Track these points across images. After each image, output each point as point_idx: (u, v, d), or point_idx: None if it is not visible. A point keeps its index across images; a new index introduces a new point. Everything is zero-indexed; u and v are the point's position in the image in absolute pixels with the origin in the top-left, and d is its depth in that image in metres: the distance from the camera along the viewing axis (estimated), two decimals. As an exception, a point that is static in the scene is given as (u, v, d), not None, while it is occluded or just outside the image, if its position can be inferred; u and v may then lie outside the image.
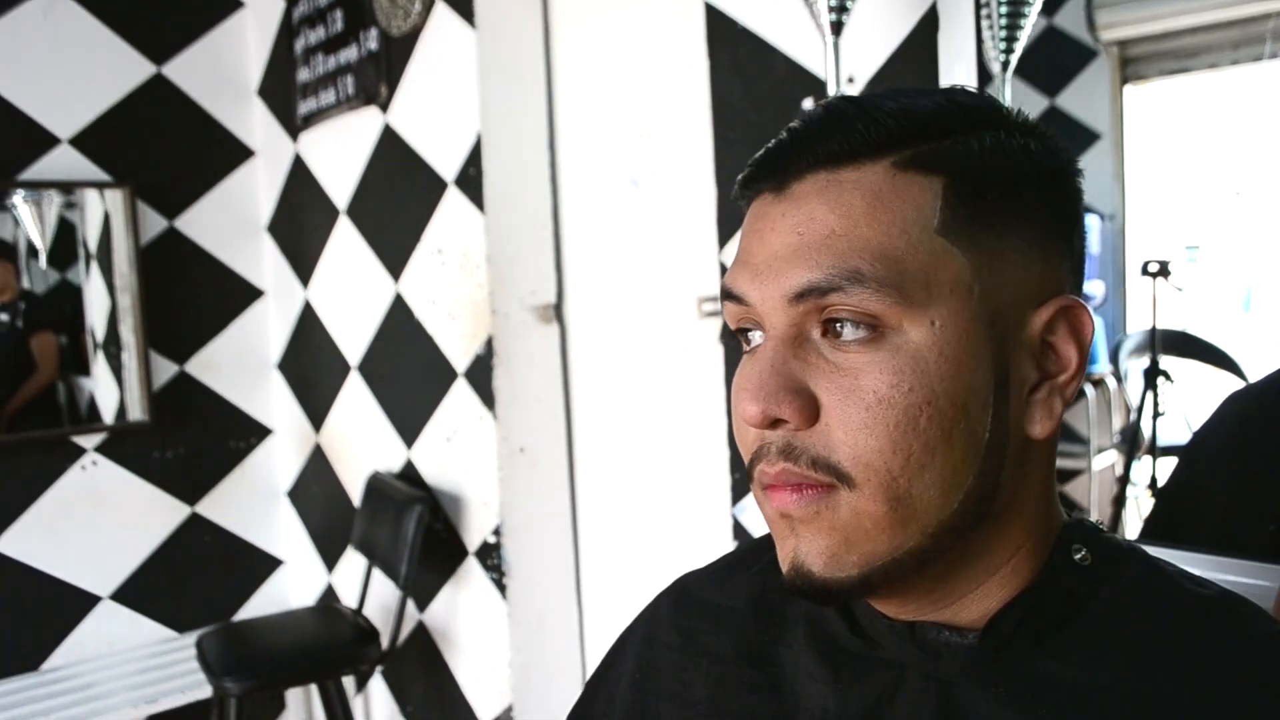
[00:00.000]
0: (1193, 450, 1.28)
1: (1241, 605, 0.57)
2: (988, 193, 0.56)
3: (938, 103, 0.58)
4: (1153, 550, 0.63)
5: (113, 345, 2.97)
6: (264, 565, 3.26)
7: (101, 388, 2.99)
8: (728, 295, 0.60)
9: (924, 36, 1.48)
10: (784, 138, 0.59)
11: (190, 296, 3.09)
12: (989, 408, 0.55)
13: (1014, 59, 1.39)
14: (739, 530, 1.88)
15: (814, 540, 0.57)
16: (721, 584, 0.75)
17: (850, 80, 1.56)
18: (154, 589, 3.03)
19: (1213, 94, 1.40)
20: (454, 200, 2.42)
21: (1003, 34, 1.38)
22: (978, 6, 1.39)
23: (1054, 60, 1.43)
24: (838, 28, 1.30)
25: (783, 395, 0.55)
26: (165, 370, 3.04)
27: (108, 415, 2.97)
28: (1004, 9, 1.36)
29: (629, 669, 0.76)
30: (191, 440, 3.10)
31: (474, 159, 2.34)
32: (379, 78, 2.60)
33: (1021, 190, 0.57)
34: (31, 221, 2.87)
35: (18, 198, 2.83)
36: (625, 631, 0.80)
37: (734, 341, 1.84)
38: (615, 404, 2.37)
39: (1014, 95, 1.39)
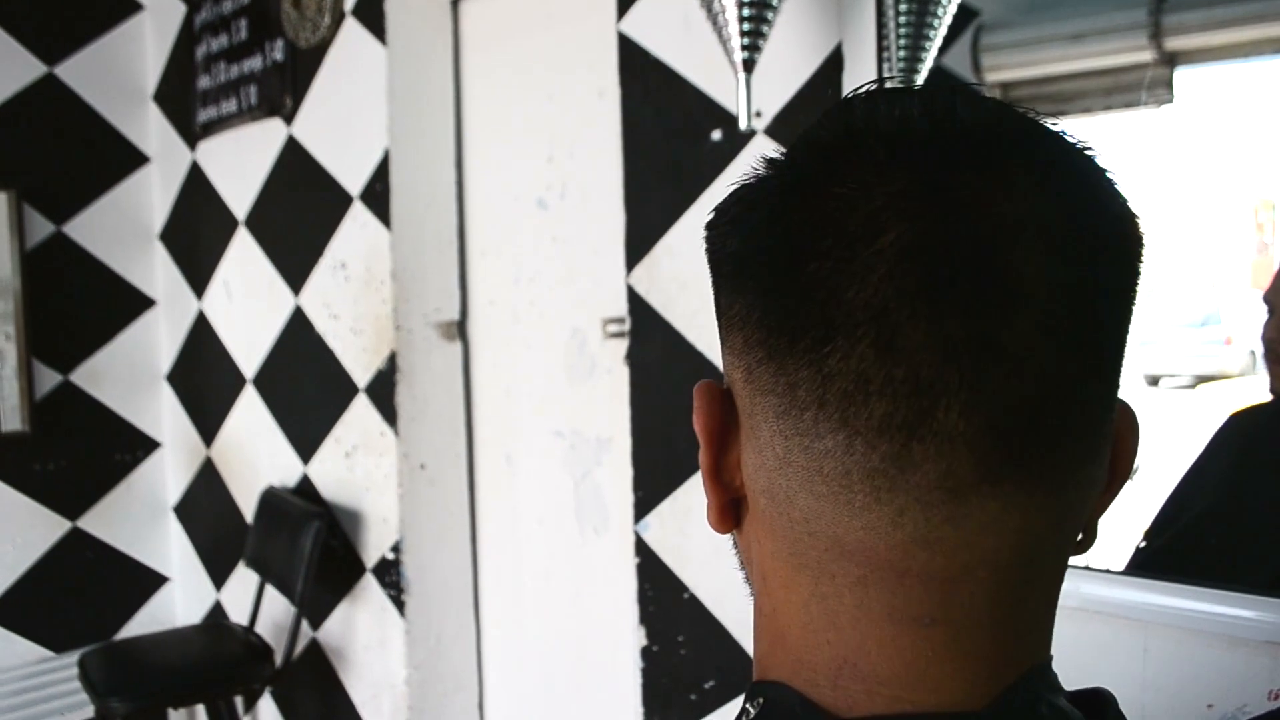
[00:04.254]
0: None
1: None
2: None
3: None
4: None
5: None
6: (148, 582, 3.17)
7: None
8: None
9: (829, 75, 1.56)
10: None
11: (77, 304, 2.99)
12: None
13: (911, 100, 1.47)
14: (641, 547, 1.92)
15: None
16: None
17: (759, 114, 1.62)
18: (31, 607, 2.91)
19: (1086, 136, 1.50)
20: (359, 215, 2.41)
21: (900, 75, 1.46)
22: (879, 50, 1.47)
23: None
24: (750, 65, 1.36)
25: None
26: (48, 379, 2.94)
27: (-24, 424, 2.83)
28: (902, 54, 1.45)
29: None
30: (74, 452, 2.99)
31: (381, 174, 2.34)
32: (284, 89, 2.57)
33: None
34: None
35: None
36: None
37: (639, 363, 1.88)
38: (517, 422, 2.39)
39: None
